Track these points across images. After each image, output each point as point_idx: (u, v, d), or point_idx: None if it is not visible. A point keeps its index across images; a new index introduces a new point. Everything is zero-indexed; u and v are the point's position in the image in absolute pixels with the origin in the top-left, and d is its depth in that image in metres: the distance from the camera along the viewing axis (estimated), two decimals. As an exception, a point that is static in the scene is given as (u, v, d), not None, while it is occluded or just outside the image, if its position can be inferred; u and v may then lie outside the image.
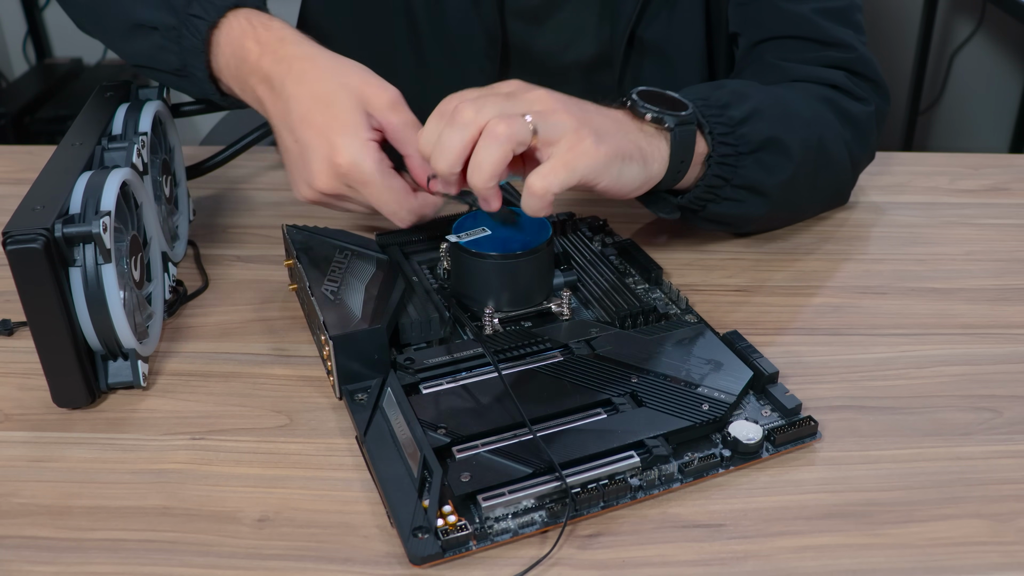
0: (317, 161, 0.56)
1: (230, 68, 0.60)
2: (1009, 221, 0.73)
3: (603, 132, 0.54)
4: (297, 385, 0.55)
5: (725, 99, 0.62)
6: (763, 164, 0.63)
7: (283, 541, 0.45)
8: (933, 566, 0.43)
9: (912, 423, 0.52)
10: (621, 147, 0.55)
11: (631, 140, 0.56)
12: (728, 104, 0.62)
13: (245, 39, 0.59)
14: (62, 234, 0.49)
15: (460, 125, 0.52)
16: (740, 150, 0.61)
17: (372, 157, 0.55)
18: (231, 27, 0.59)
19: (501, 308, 0.58)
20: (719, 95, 0.62)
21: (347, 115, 0.56)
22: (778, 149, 0.63)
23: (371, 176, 0.55)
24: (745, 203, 0.64)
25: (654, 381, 0.52)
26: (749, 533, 0.45)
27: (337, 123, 0.55)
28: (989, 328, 0.60)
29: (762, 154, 0.62)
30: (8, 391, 0.55)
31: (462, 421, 0.49)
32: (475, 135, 0.52)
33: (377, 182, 0.56)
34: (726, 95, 0.63)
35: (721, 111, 0.61)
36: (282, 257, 0.67)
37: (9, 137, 1.87)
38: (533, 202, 0.53)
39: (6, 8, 2.16)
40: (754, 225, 0.69)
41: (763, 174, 0.63)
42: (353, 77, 0.57)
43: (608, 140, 0.54)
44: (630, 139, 0.56)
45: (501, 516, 0.45)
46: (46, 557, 0.44)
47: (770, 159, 0.63)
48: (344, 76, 0.57)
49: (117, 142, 0.59)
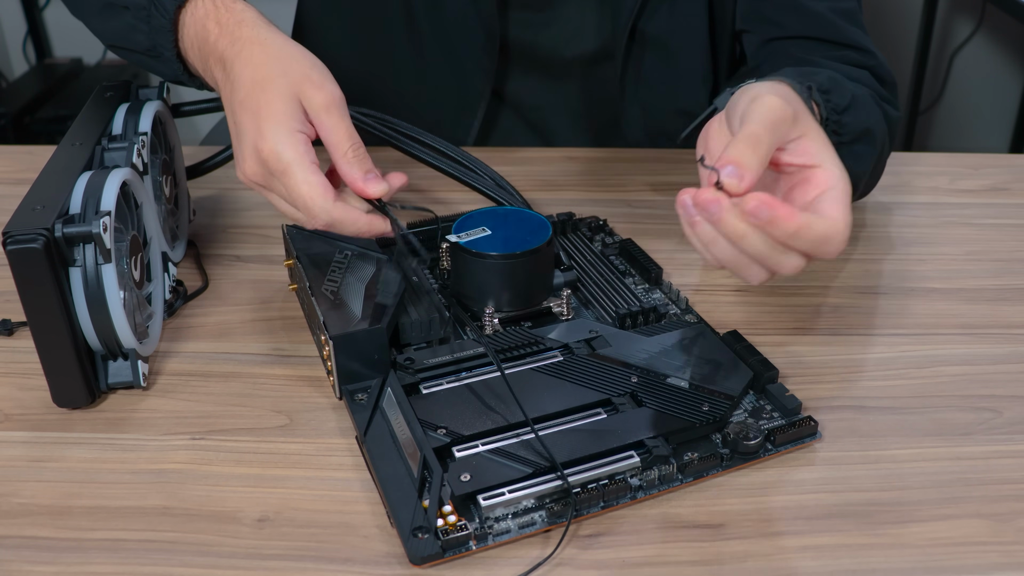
0: (246, 145, 0.55)
1: (194, 49, 0.60)
2: (1009, 221, 0.73)
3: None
4: (297, 385, 0.55)
5: (827, 84, 0.60)
6: (856, 154, 0.62)
7: (283, 541, 0.45)
8: (933, 566, 0.43)
9: (912, 423, 0.52)
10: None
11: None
12: (830, 91, 0.60)
13: (207, 20, 0.59)
14: (62, 234, 0.49)
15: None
16: (842, 139, 0.60)
17: (295, 148, 0.54)
18: (196, 7, 0.60)
19: (501, 308, 0.58)
20: (820, 80, 0.60)
21: (279, 103, 0.54)
22: (869, 139, 0.63)
23: (289, 166, 0.53)
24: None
25: (654, 381, 0.52)
26: (749, 533, 0.45)
27: (268, 110, 0.54)
28: (989, 328, 0.60)
29: (857, 145, 0.62)
30: (8, 391, 0.55)
31: (462, 421, 0.49)
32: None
33: (295, 174, 0.53)
34: (825, 80, 0.61)
35: (827, 97, 0.60)
36: (282, 257, 0.67)
37: (9, 137, 1.87)
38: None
39: (6, 8, 2.16)
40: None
41: (854, 163, 0.59)
42: (296, 67, 0.55)
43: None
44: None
45: (501, 516, 0.45)
46: (46, 557, 0.44)
47: (862, 149, 0.63)
48: (287, 64, 0.56)
49: (117, 142, 0.59)
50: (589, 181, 0.79)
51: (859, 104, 0.63)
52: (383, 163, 0.82)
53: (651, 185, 0.78)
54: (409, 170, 0.80)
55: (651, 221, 0.72)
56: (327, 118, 0.55)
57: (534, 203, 0.69)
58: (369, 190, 0.55)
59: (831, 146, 0.51)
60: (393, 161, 0.82)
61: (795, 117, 0.49)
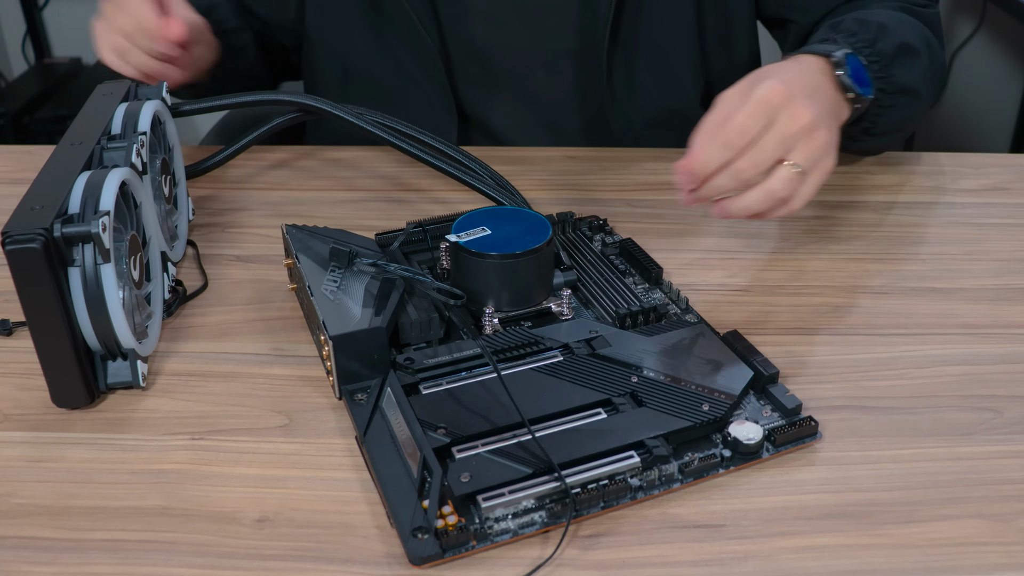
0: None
1: None
2: (1010, 221, 0.73)
3: (833, 145, 0.60)
4: (297, 385, 0.55)
5: (853, 27, 0.70)
6: (903, 65, 0.70)
7: (283, 541, 0.45)
8: (933, 566, 0.43)
9: (913, 423, 0.52)
10: (837, 148, 0.61)
11: (837, 130, 0.62)
12: (856, 31, 0.69)
13: None
14: (61, 234, 0.49)
15: (742, 178, 0.58)
16: (883, 63, 0.68)
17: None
18: None
19: (501, 308, 0.58)
20: (845, 26, 0.70)
21: None
22: (910, 51, 0.71)
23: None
24: (902, 105, 0.70)
25: (654, 381, 0.52)
26: (749, 533, 0.45)
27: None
28: (990, 328, 0.60)
29: (899, 59, 0.70)
30: (7, 391, 0.55)
31: (462, 421, 0.49)
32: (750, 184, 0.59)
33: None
34: (851, 23, 0.70)
35: (855, 39, 0.68)
36: (282, 257, 0.67)
37: (8, 137, 1.87)
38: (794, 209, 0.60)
39: (5, 8, 2.16)
40: (916, 122, 0.77)
41: (903, 72, 0.70)
42: None
43: (834, 151, 0.60)
44: (837, 130, 0.62)
45: (501, 516, 0.45)
46: (45, 557, 0.44)
47: (906, 60, 0.70)
48: None
49: (116, 141, 0.59)
50: (589, 181, 0.79)
51: (889, 29, 0.70)
52: (383, 162, 0.82)
53: (651, 185, 0.78)
54: (409, 170, 0.80)
55: (651, 221, 0.72)
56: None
57: (534, 203, 0.69)
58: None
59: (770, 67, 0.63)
60: (393, 161, 0.82)
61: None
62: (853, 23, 0.71)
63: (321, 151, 0.85)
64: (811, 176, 0.59)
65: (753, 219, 0.61)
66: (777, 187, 0.58)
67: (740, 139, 0.57)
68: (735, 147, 0.57)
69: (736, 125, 0.57)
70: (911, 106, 0.72)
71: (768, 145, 0.58)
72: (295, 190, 0.78)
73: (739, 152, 0.58)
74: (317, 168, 0.82)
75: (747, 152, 0.57)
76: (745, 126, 0.57)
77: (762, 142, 0.57)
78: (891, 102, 0.69)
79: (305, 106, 0.74)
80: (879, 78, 0.68)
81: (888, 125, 0.71)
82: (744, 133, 0.57)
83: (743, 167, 0.58)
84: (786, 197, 0.59)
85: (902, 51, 0.70)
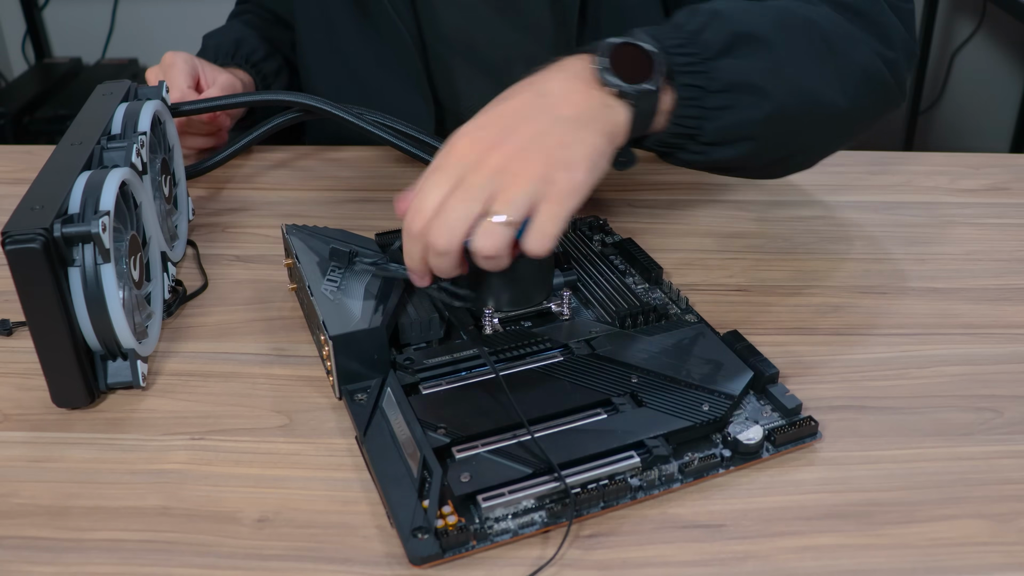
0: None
1: None
2: (1010, 221, 0.73)
3: (570, 161, 0.51)
4: (297, 385, 0.55)
5: (682, 18, 0.59)
6: (739, 57, 0.58)
7: (283, 541, 0.45)
8: (934, 566, 0.43)
9: (913, 423, 0.52)
10: (592, 158, 0.52)
11: (596, 135, 0.53)
12: (682, 23, 0.58)
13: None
14: (61, 234, 0.49)
15: (438, 253, 0.51)
16: (705, 56, 0.57)
17: (182, 57, 0.81)
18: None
19: (501, 308, 0.58)
20: (679, 15, 0.59)
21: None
22: (751, 41, 0.59)
23: (173, 58, 0.81)
24: (739, 106, 0.58)
25: (654, 381, 0.52)
26: (749, 533, 0.45)
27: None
28: (990, 328, 0.60)
29: (734, 51, 0.58)
30: (7, 391, 0.55)
31: (462, 421, 0.49)
32: (458, 253, 0.51)
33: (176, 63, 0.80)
34: (683, 14, 0.59)
35: (677, 30, 0.58)
36: (282, 257, 0.67)
37: (8, 137, 1.87)
38: (538, 252, 0.51)
39: (5, 8, 2.16)
40: (775, 132, 0.61)
41: (741, 65, 0.58)
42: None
43: (578, 164, 0.51)
44: (595, 135, 0.53)
45: (501, 516, 0.45)
46: (46, 557, 0.44)
47: (745, 51, 0.58)
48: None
49: (116, 141, 0.59)
50: (589, 181, 0.79)
51: (725, 16, 0.59)
52: (383, 162, 0.82)
53: (651, 185, 0.78)
54: (410, 170, 0.80)
55: (651, 221, 0.72)
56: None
57: (534, 203, 0.69)
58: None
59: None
60: (393, 160, 0.82)
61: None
62: (685, 13, 0.60)
63: (321, 151, 0.85)
64: (537, 221, 0.50)
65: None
66: (482, 248, 0.50)
67: (420, 224, 0.51)
68: (421, 233, 0.51)
69: (414, 211, 0.51)
70: (756, 106, 0.58)
71: (452, 212, 0.50)
72: (295, 190, 0.79)
73: (428, 230, 0.51)
74: (317, 168, 0.82)
75: (434, 225, 0.50)
76: (423, 208, 0.51)
77: (445, 209, 0.50)
78: (718, 102, 0.58)
79: (305, 106, 0.74)
80: (697, 72, 0.57)
81: (724, 131, 0.59)
82: (422, 215, 0.51)
83: (435, 242, 0.50)
84: (497, 253, 0.50)
85: (738, 41, 0.58)
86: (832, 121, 0.63)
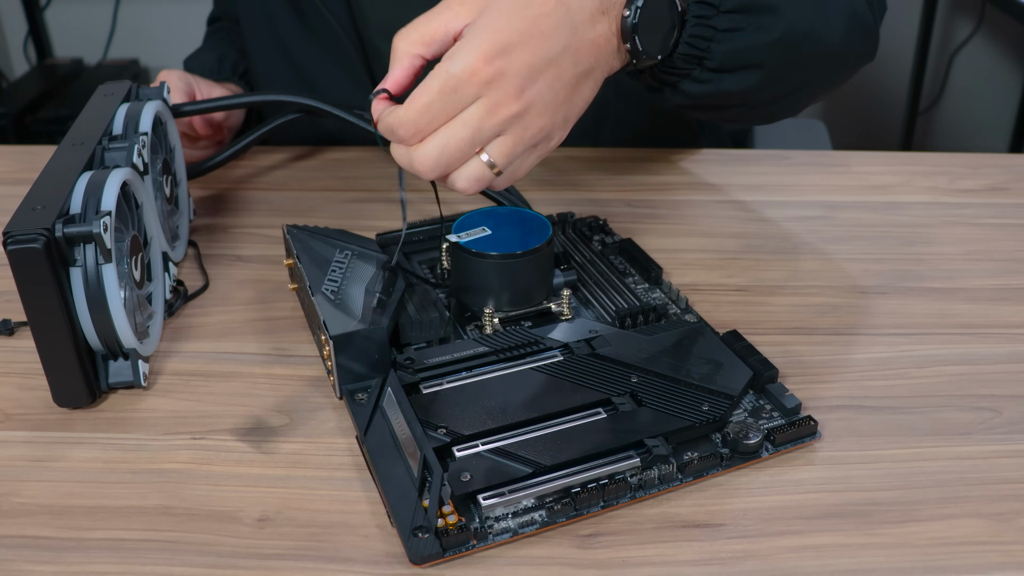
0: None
1: None
2: (1009, 221, 0.73)
3: (568, 117, 0.51)
4: (297, 385, 0.55)
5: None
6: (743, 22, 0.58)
7: (283, 541, 0.45)
8: (933, 566, 0.44)
9: (912, 423, 0.52)
10: (579, 114, 0.52)
11: (594, 87, 0.52)
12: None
13: None
14: (63, 234, 0.49)
15: (412, 165, 0.49)
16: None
17: (176, 75, 0.79)
18: None
19: (501, 308, 0.58)
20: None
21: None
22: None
23: (167, 76, 0.77)
24: (749, 28, 0.58)
25: (654, 381, 0.52)
26: (749, 533, 0.45)
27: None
28: (989, 328, 0.60)
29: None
30: (8, 391, 0.55)
31: (462, 421, 0.49)
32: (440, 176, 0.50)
33: (170, 79, 0.77)
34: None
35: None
36: (282, 257, 0.67)
37: (10, 137, 1.87)
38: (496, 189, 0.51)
39: (7, 8, 2.16)
40: (780, 61, 0.61)
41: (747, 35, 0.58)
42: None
43: (572, 120, 0.51)
44: (593, 88, 0.52)
45: (501, 516, 0.45)
46: (47, 557, 0.44)
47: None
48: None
49: (118, 142, 0.59)
50: (589, 181, 0.79)
51: None
52: (383, 162, 0.82)
53: (651, 185, 0.78)
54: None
55: (651, 221, 0.73)
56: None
57: (534, 203, 0.69)
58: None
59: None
60: (393, 161, 0.82)
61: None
62: None
63: (321, 151, 0.85)
64: (513, 168, 0.50)
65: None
66: (461, 185, 0.50)
67: (412, 137, 0.48)
68: (406, 139, 0.49)
69: (410, 118, 0.48)
70: (766, 30, 0.58)
71: (451, 141, 0.48)
72: (295, 190, 0.79)
73: (417, 147, 0.49)
74: (317, 168, 0.83)
75: (428, 146, 0.48)
76: (419, 123, 0.48)
77: (444, 134, 0.48)
78: (729, 23, 0.57)
79: (305, 106, 0.74)
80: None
81: (732, 55, 0.58)
82: (417, 133, 0.48)
83: (419, 162, 0.49)
84: (470, 192, 0.50)
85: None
86: (826, 59, 0.64)
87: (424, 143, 0.48)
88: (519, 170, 0.51)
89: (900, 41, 2.13)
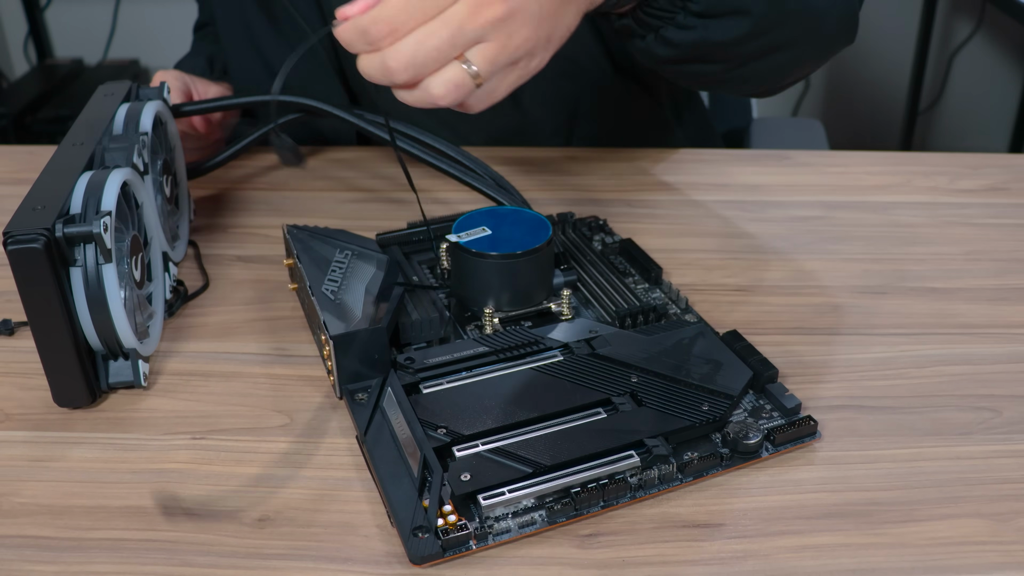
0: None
1: None
2: (1009, 221, 0.73)
3: (551, 38, 0.49)
4: (297, 385, 0.55)
5: None
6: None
7: (283, 541, 0.45)
8: (933, 566, 0.44)
9: (912, 423, 0.52)
10: (563, 40, 0.50)
11: (577, 14, 0.50)
12: None
13: None
14: (63, 234, 0.49)
15: (385, 71, 0.46)
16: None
17: (172, 75, 0.80)
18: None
19: (501, 308, 0.58)
20: None
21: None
22: None
23: (164, 76, 0.78)
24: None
25: (654, 381, 0.52)
26: (748, 533, 0.45)
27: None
28: (989, 328, 0.60)
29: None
30: (8, 391, 0.55)
31: (462, 421, 0.49)
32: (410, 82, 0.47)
33: (167, 79, 0.76)
34: None
35: None
36: (282, 257, 0.67)
37: (10, 137, 1.87)
38: (471, 110, 0.49)
39: (7, 8, 2.16)
40: (766, 9, 0.60)
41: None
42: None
43: (554, 43, 0.49)
44: (577, 14, 0.50)
45: (501, 516, 0.45)
46: (47, 556, 0.44)
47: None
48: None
49: (118, 142, 0.59)
50: (589, 181, 0.79)
51: None
52: (383, 162, 0.82)
53: (651, 185, 0.78)
54: (410, 170, 0.80)
55: (651, 221, 0.73)
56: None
57: (534, 203, 0.70)
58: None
59: None
60: (393, 160, 0.82)
61: None
62: None
63: (321, 151, 0.86)
64: (493, 84, 0.48)
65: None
66: (437, 92, 0.46)
67: (386, 37, 0.45)
68: (378, 40, 0.45)
69: (384, 16, 0.45)
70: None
71: (429, 39, 0.45)
72: (295, 190, 0.79)
73: (391, 47, 0.46)
74: (317, 168, 0.83)
75: (403, 45, 0.45)
76: (396, 20, 0.45)
77: (422, 31, 0.45)
78: None
79: (305, 106, 0.74)
80: None
81: (721, 2, 0.57)
82: (392, 32, 0.45)
83: (392, 61, 0.45)
84: (446, 104, 0.47)
85: None
86: (810, 21, 0.63)
87: (399, 41, 0.45)
88: (498, 88, 0.48)
89: (900, 41, 2.13)
